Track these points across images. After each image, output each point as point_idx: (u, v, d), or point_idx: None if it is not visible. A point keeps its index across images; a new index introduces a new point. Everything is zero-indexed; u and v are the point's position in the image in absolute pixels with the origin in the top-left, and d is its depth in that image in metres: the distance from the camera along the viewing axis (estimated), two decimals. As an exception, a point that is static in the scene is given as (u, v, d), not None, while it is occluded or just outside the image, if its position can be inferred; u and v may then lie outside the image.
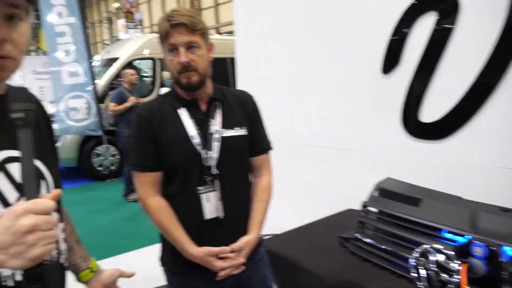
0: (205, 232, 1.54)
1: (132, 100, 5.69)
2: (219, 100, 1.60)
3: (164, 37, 1.48)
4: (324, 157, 3.14)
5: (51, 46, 6.59)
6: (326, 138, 3.12)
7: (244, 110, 1.64)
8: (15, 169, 0.91)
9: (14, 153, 0.92)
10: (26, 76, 10.48)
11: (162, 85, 7.63)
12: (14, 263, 0.71)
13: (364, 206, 1.83)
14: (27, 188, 0.76)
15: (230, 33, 15.80)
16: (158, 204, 1.54)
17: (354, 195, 2.00)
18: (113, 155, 7.04)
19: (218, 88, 1.64)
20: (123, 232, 4.70)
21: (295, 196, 3.30)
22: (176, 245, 1.54)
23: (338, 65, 3.06)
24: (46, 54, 6.78)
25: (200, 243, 1.52)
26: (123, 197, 5.85)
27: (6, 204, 0.88)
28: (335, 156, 3.07)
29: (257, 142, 1.67)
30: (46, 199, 0.76)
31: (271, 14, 3.39)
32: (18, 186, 0.91)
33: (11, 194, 0.89)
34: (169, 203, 1.55)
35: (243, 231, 1.59)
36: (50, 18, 6.50)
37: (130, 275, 1.29)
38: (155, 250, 1.72)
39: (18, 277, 0.88)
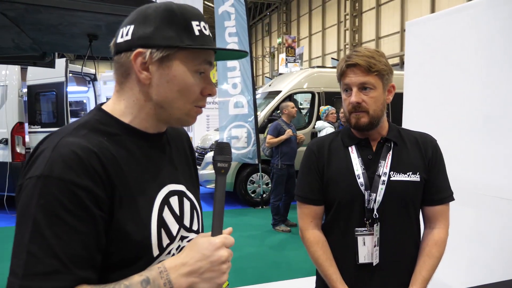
0: (356, 276, 1.49)
1: (288, 133, 5.83)
2: (392, 141, 1.52)
3: (340, 76, 1.49)
4: (506, 211, 2.71)
5: (222, 79, 7.26)
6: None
7: (422, 155, 1.52)
8: (175, 202, 0.97)
9: (175, 187, 0.99)
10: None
11: (319, 118, 7.73)
12: (204, 286, 0.85)
13: None
14: (216, 225, 0.90)
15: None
16: (316, 238, 1.54)
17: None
18: (266, 184, 7.31)
19: (394, 128, 1.56)
20: (270, 261, 4.77)
21: (465, 251, 2.91)
22: (328, 281, 1.50)
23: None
24: (216, 86, 7.50)
25: (350, 286, 1.47)
26: (272, 226, 5.99)
27: (171, 236, 0.94)
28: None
29: (435, 191, 1.53)
30: (230, 236, 0.90)
31: (451, 45, 3.11)
32: (177, 219, 0.96)
33: (173, 226, 0.95)
34: (326, 238, 1.55)
35: (401, 283, 1.48)
36: (223, 54, 7.18)
37: None
38: (297, 284, 1.70)
39: None
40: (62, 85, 7.14)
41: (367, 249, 1.46)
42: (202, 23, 0.93)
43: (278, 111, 7.02)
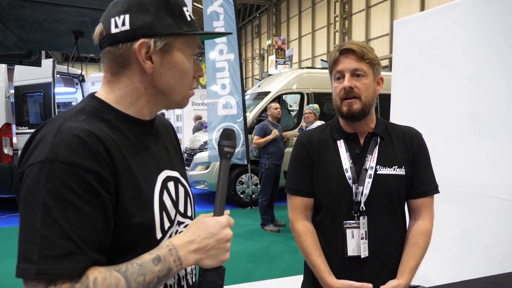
0: (345, 269, 1.50)
1: (274, 133, 5.86)
2: (379, 135, 1.54)
3: (333, 65, 1.51)
4: (491, 208, 2.74)
5: (211, 80, 7.25)
6: (498, 188, 2.71)
7: (407, 148, 1.55)
8: (171, 187, 0.99)
9: (171, 173, 1.01)
10: (186, 107, 11.71)
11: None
12: (208, 262, 0.89)
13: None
14: (219, 206, 0.94)
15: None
16: (305, 229, 1.55)
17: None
18: (256, 184, 7.30)
19: (381, 122, 1.59)
20: (258, 261, 4.79)
21: (449, 247, 2.94)
22: (316, 272, 1.51)
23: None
24: (205, 87, 7.47)
25: (338, 279, 1.48)
26: (261, 226, 5.99)
27: (170, 219, 0.95)
28: (506, 208, 2.65)
29: (419, 184, 1.55)
30: (230, 217, 0.94)
31: (439, 44, 3.14)
32: (174, 204, 0.98)
33: (172, 210, 0.97)
34: (316, 231, 1.56)
35: (388, 275, 1.49)
36: (212, 55, 7.17)
37: None
38: (285, 282, 1.69)
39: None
40: (50, 86, 7.06)
41: (356, 242, 1.48)
42: (189, 8, 0.96)
43: (268, 112, 7.04)
